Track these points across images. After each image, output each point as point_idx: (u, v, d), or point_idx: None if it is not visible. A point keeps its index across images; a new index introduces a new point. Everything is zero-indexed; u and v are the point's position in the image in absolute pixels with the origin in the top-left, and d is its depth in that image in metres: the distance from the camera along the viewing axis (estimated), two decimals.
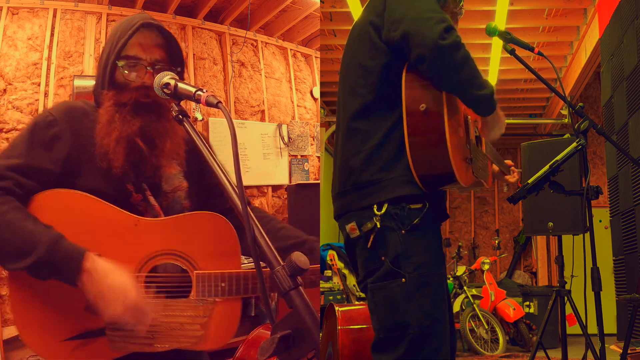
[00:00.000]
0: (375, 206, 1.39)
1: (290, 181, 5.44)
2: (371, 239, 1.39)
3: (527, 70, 2.06)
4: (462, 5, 1.65)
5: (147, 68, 1.41)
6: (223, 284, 1.31)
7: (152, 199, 1.39)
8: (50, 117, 1.35)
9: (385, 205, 1.38)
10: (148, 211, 1.38)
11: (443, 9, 1.52)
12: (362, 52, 1.50)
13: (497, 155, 1.87)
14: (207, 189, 1.57)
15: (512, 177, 1.89)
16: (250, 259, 1.50)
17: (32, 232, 1.17)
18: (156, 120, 1.40)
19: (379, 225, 1.38)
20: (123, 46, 1.40)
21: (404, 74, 1.40)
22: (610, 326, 3.17)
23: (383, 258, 1.40)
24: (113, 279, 1.19)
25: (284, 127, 5.48)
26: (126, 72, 1.40)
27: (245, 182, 4.89)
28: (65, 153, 1.32)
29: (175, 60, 1.48)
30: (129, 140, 1.35)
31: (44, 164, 1.29)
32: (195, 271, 1.31)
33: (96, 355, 1.23)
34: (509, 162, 1.94)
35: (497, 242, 7.12)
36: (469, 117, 1.52)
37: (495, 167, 1.91)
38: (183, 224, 1.33)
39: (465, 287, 5.29)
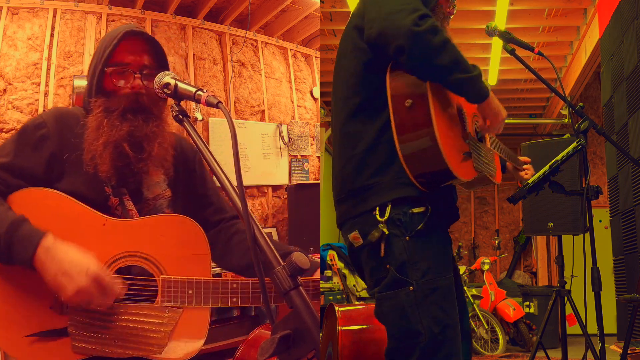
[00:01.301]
0: (377, 210, 1.35)
1: (290, 181, 5.44)
2: (382, 247, 1.35)
3: (527, 70, 2.06)
4: (455, 5, 1.64)
5: (135, 74, 1.44)
6: (190, 291, 1.27)
7: (129, 204, 1.39)
8: (39, 119, 1.40)
9: (388, 209, 1.34)
10: (124, 216, 1.37)
11: (434, 11, 1.51)
12: (345, 56, 1.51)
13: (508, 151, 1.84)
14: (194, 200, 1.59)
15: (526, 174, 1.89)
16: (233, 275, 1.49)
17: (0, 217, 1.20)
18: (145, 125, 1.41)
19: (386, 232, 1.34)
20: (110, 55, 1.43)
21: (387, 73, 1.38)
22: (610, 326, 3.16)
23: (388, 266, 1.36)
24: (74, 254, 1.19)
25: (284, 127, 5.48)
26: (114, 79, 1.43)
27: (245, 182, 4.88)
28: (49, 153, 1.35)
29: (161, 65, 1.51)
30: (116, 145, 1.37)
31: (29, 163, 1.33)
32: (162, 275, 1.27)
33: (57, 354, 1.22)
34: (524, 158, 1.94)
35: (497, 242, 7.12)
36: (465, 110, 1.48)
37: (509, 164, 1.90)
38: (151, 225, 1.30)
39: (465, 287, 5.28)
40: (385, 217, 1.34)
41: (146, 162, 1.41)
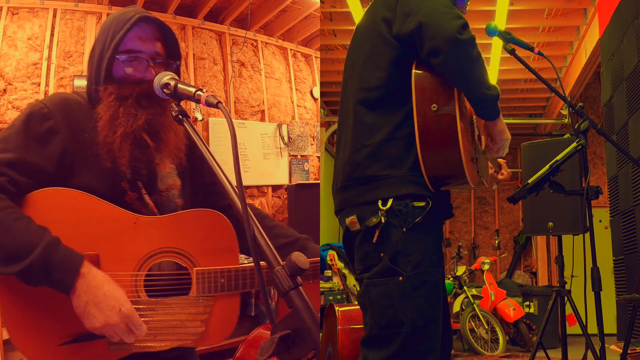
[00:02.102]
0: (380, 201, 1.38)
1: (290, 181, 5.44)
2: (376, 234, 1.38)
3: (527, 70, 2.06)
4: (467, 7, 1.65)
5: (149, 62, 1.38)
6: (222, 280, 1.31)
7: (147, 197, 1.36)
8: (45, 109, 1.27)
9: (391, 201, 1.37)
10: (143, 210, 1.35)
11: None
12: (371, 47, 1.49)
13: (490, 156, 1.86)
14: (202, 187, 1.55)
15: (501, 175, 1.85)
16: (249, 258, 1.50)
17: (25, 235, 1.10)
18: (161, 113, 1.37)
19: (383, 221, 1.37)
20: (121, 40, 1.34)
21: (413, 72, 1.38)
22: (610, 326, 3.16)
23: (382, 254, 1.39)
24: (110, 287, 1.16)
25: (284, 127, 5.48)
26: (126, 66, 1.36)
27: (245, 182, 4.89)
28: (61, 149, 1.26)
29: (173, 54, 1.46)
30: (135, 135, 1.31)
31: (39, 160, 1.22)
32: (195, 268, 1.31)
33: (95, 358, 1.20)
34: (501, 160, 1.91)
35: (497, 242, 7.13)
36: (474, 116, 1.51)
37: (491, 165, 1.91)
38: (181, 221, 1.32)
39: (465, 287, 5.28)
40: (387, 207, 1.37)
41: (163, 152, 1.39)
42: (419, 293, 1.37)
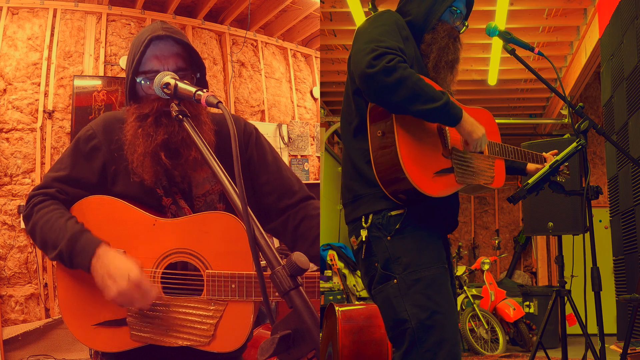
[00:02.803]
0: (363, 217, 1.51)
1: None
2: (363, 248, 1.52)
3: (527, 70, 2.06)
4: (461, 19, 1.72)
5: None
6: (233, 285, 1.32)
7: (182, 202, 1.45)
8: (90, 131, 1.48)
9: (371, 217, 1.50)
10: (178, 214, 1.43)
11: (435, 29, 1.61)
12: (347, 80, 1.64)
13: (524, 153, 1.91)
14: (253, 189, 1.55)
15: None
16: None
17: (62, 228, 1.34)
18: (179, 130, 1.39)
19: (364, 237, 1.50)
20: (139, 63, 1.42)
21: (367, 105, 1.51)
22: (610, 326, 3.17)
23: (376, 264, 1.50)
24: (120, 261, 1.29)
25: (284, 127, 5.48)
26: (146, 86, 1.42)
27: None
28: (102, 163, 1.45)
29: (195, 66, 1.49)
30: (153, 154, 1.38)
31: (85, 174, 1.44)
32: (207, 270, 1.33)
33: (118, 341, 1.36)
34: (547, 155, 2.01)
35: (497, 242, 7.12)
36: (446, 128, 1.55)
37: (531, 166, 2.00)
38: (196, 223, 1.35)
39: (465, 287, 5.28)
40: (369, 224, 1.50)
41: (184, 167, 1.43)
42: (415, 290, 1.44)
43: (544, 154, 2.08)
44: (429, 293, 1.44)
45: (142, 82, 1.43)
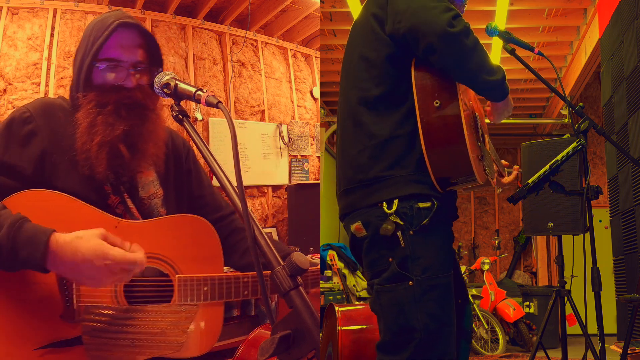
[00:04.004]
0: (385, 204, 1.34)
1: (290, 181, 5.44)
2: (400, 238, 1.34)
3: (527, 70, 2.06)
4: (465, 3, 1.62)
5: (129, 70, 1.36)
6: (205, 288, 1.28)
7: (129, 202, 1.36)
8: (27, 113, 1.30)
9: (396, 203, 1.32)
10: (126, 215, 1.35)
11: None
12: (364, 45, 1.46)
13: (496, 155, 1.84)
14: (189, 200, 1.55)
15: (507, 179, 1.81)
16: (232, 270, 1.49)
17: None
18: (140, 123, 1.35)
19: (401, 223, 1.32)
20: (100, 47, 1.32)
21: (412, 71, 1.35)
22: (610, 326, 3.16)
23: (390, 259, 1.35)
24: (83, 249, 1.09)
25: (284, 127, 5.48)
26: (106, 74, 1.34)
27: (245, 182, 4.89)
28: (40, 151, 1.27)
29: (155, 60, 1.43)
30: (111, 145, 1.30)
31: (17, 161, 1.25)
32: (177, 275, 1.28)
33: None
34: (504, 162, 1.87)
35: (497, 242, 7.12)
36: (476, 112, 1.50)
37: (495, 167, 1.89)
38: (164, 226, 1.30)
39: None
40: (393, 210, 1.33)
41: (139, 162, 1.37)
42: (430, 297, 1.33)
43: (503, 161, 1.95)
44: (442, 302, 1.34)
45: (102, 69, 1.33)
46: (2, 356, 1.11)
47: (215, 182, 1.45)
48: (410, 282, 1.33)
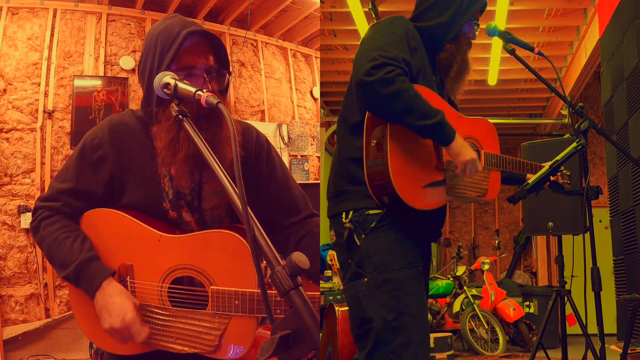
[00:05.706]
0: (344, 214, 1.53)
1: None
2: (356, 240, 1.52)
3: (527, 70, 2.06)
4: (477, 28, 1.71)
5: (204, 77, 1.36)
6: (237, 302, 1.34)
7: (187, 216, 1.44)
8: (96, 139, 1.42)
9: (351, 213, 1.51)
10: (183, 227, 1.44)
11: (458, 41, 1.64)
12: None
13: (517, 163, 1.86)
14: (262, 202, 1.53)
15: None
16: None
17: (68, 251, 1.36)
18: (218, 130, 1.37)
19: (344, 234, 1.52)
20: (173, 58, 1.32)
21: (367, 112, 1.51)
22: (610, 326, 3.17)
23: (350, 261, 1.53)
24: (120, 298, 1.33)
25: (284, 127, 5.48)
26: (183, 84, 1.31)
27: None
28: (109, 174, 1.41)
29: (224, 63, 1.44)
30: (195, 158, 1.34)
31: (90, 186, 1.42)
32: (211, 287, 1.35)
33: (129, 344, 1.38)
34: (547, 165, 1.92)
35: (497, 242, 7.12)
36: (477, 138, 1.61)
37: (531, 176, 1.95)
38: (198, 241, 1.37)
39: (465, 287, 5.28)
40: (348, 219, 1.52)
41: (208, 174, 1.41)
42: (383, 290, 1.46)
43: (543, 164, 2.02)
44: (397, 294, 1.46)
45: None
46: (85, 333, 1.46)
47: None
48: (365, 279, 1.48)
